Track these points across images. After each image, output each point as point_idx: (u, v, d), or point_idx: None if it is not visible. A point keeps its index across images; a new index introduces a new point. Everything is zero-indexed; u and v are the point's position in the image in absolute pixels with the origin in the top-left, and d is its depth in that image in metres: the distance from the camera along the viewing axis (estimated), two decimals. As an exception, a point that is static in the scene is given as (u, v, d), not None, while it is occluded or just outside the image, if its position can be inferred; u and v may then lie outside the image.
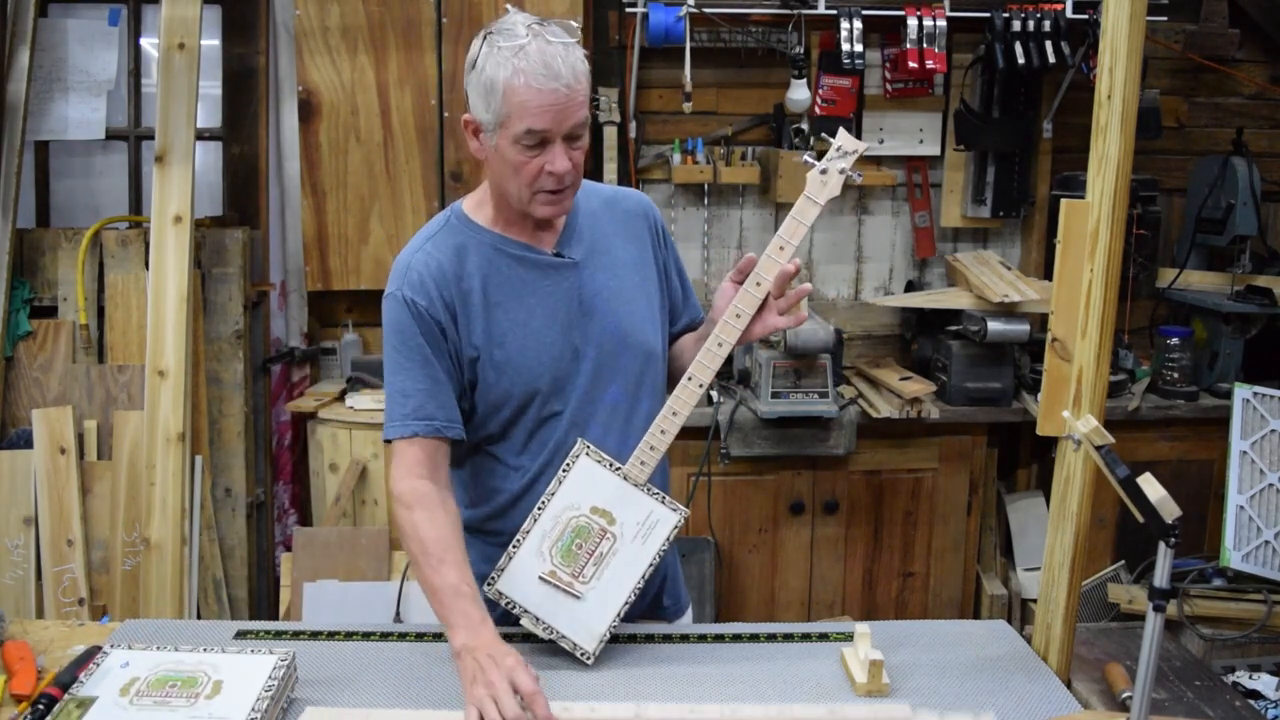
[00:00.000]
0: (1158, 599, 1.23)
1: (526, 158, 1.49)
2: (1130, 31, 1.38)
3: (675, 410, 1.55)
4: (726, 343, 1.55)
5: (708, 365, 1.55)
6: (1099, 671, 1.55)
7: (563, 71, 1.45)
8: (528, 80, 1.44)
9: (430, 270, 1.58)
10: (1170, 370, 3.23)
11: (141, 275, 3.05)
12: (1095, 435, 1.31)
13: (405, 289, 1.58)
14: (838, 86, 3.35)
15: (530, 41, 1.46)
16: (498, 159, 1.53)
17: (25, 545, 2.91)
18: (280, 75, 3.32)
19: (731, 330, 1.56)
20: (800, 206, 1.55)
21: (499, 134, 1.49)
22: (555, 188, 1.52)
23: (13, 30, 3.07)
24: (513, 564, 1.54)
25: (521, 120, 1.46)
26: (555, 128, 1.47)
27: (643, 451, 1.56)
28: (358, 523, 3.06)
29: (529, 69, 1.44)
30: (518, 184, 1.52)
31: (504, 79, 1.45)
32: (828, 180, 1.55)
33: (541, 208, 1.55)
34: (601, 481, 1.55)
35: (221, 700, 1.35)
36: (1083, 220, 1.44)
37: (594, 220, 1.67)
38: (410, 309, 1.57)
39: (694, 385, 1.55)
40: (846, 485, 3.13)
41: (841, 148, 1.56)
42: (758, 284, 1.55)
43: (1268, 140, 3.57)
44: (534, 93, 1.45)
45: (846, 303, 3.57)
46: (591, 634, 1.51)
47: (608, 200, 1.72)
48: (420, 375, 1.57)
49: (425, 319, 1.57)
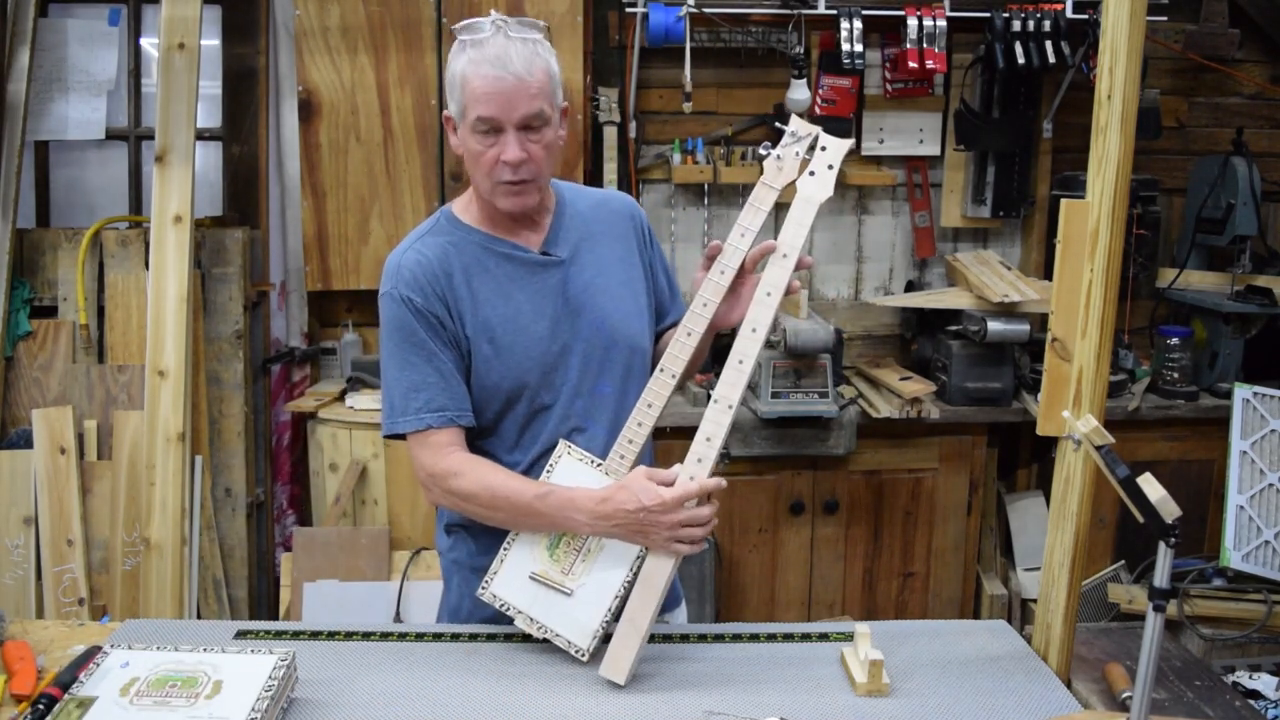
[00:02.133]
0: (1158, 599, 1.23)
1: (483, 147, 1.55)
2: (1130, 31, 1.39)
3: (650, 403, 1.55)
4: (695, 332, 1.55)
5: (678, 355, 1.55)
6: (1099, 671, 1.55)
7: (513, 62, 1.51)
8: (478, 69, 1.52)
9: (422, 267, 1.61)
10: (1170, 370, 3.23)
11: (141, 275, 3.05)
12: (1095, 435, 1.31)
13: (400, 287, 1.61)
14: (838, 86, 3.35)
15: (491, 36, 1.54)
16: (466, 151, 1.59)
17: (25, 545, 2.91)
18: (280, 75, 3.32)
19: (699, 319, 1.55)
20: (757, 193, 1.56)
21: (463, 125, 1.57)
22: (511, 178, 1.56)
23: (13, 30, 3.07)
24: (504, 566, 1.55)
25: (474, 108, 1.53)
26: (503, 115, 1.52)
27: (621, 445, 1.56)
28: (358, 523, 3.06)
29: (481, 58, 1.52)
30: (479, 174, 1.59)
31: (461, 70, 1.54)
32: (783, 166, 1.57)
33: (502, 199, 1.59)
34: (584, 478, 1.55)
35: (221, 700, 1.35)
36: (1083, 220, 1.44)
37: (581, 221, 1.71)
38: (408, 306, 1.60)
39: (666, 376, 1.55)
40: (846, 485, 3.13)
41: (795, 133, 1.56)
42: (722, 272, 1.56)
43: (1268, 140, 3.57)
44: (483, 79, 1.51)
45: (846, 303, 3.57)
46: (585, 630, 1.51)
47: (594, 203, 1.76)
48: (427, 369, 1.59)
49: (424, 314, 1.59)
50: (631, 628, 1.47)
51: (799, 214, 1.55)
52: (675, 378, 1.55)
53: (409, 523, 3.05)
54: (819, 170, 1.56)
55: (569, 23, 3.10)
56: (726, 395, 1.51)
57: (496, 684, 1.47)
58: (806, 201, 1.55)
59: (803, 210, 1.55)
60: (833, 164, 1.56)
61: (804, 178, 1.56)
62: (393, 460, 3.04)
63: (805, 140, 1.57)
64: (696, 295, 1.56)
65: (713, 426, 1.50)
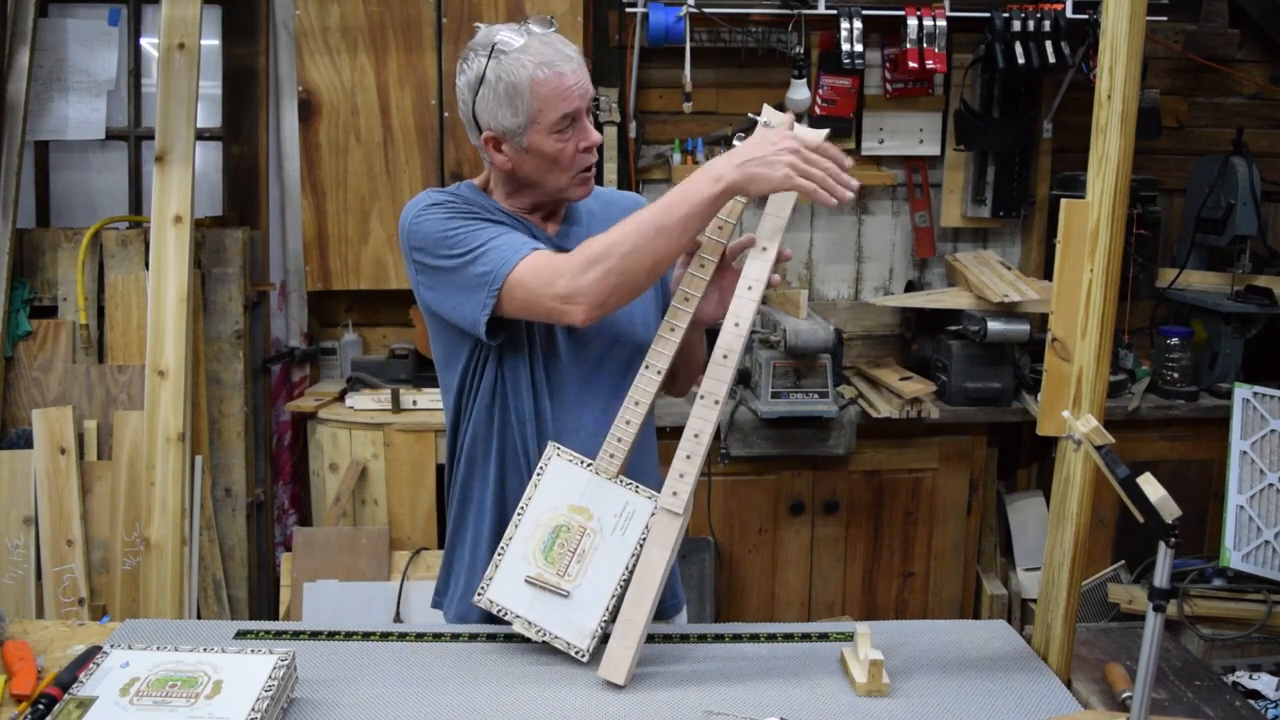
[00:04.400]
0: (1158, 599, 1.23)
1: (563, 143, 1.55)
2: (1130, 31, 1.38)
3: (637, 400, 1.54)
4: (678, 327, 1.54)
5: (662, 351, 1.54)
6: (1099, 671, 1.55)
7: (571, 53, 1.55)
8: (547, 71, 1.51)
9: (455, 195, 1.62)
10: (1170, 370, 3.23)
11: (141, 275, 3.06)
12: (1095, 435, 1.31)
13: (438, 194, 1.60)
14: (838, 86, 3.35)
15: (529, 40, 1.53)
16: (533, 159, 1.57)
17: (25, 545, 2.91)
18: (280, 75, 3.32)
19: (681, 314, 1.54)
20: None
21: (529, 133, 1.54)
22: (590, 163, 1.59)
23: (13, 30, 3.07)
24: (499, 572, 1.54)
25: (554, 108, 1.52)
26: (582, 103, 1.55)
27: (610, 444, 1.55)
28: (358, 523, 3.06)
29: (547, 59, 1.52)
30: (558, 173, 1.58)
31: (527, 77, 1.51)
32: None
33: (578, 189, 1.61)
34: (575, 479, 1.55)
35: (221, 700, 1.34)
36: (1083, 220, 1.44)
37: (591, 218, 1.71)
38: (457, 202, 1.59)
39: (651, 373, 1.54)
40: (846, 485, 3.13)
41: (768, 122, 1.55)
42: (701, 265, 1.55)
43: (1268, 140, 3.57)
44: (558, 77, 1.52)
45: (846, 303, 3.57)
46: (583, 631, 1.51)
47: (605, 201, 1.76)
48: (502, 230, 1.57)
49: (473, 209, 1.59)
50: (629, 626, 1.47)
51: (776, 207, 1.55)
52: (661, 374, 1.53)
53: (409, 523, 3.05)
54: None
55: (569, 23, 3.10)
56: (713, 391, 1.50)
57: (496, 684, 1.47)
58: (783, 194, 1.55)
59: (779, 203, 1.55)
60: None
61: None
62: (393, 460, 3.04)
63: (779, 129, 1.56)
64: (678, 290, 1.56)
65: (700, 423, 1.49)
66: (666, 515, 1.49)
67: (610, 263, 1.45)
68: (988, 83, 3.35)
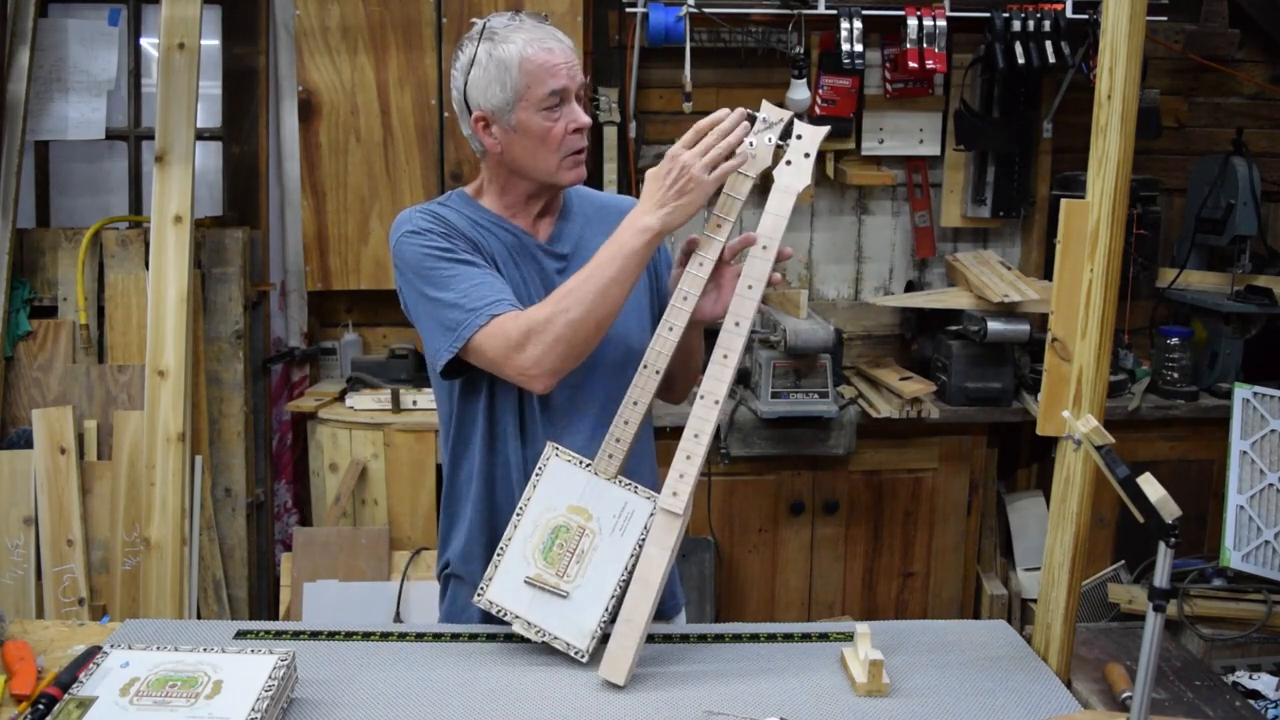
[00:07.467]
0: (1158, 599, 1.23)
1: (551, 121, 1.57)
2: (1130, 31, 1.38)
3: (635, 400, 1.54)
4: (677, 326, 1.54)
5: (660, 351, 1.53)
6: (1099, 671, 1.55)
7: (562, 37, 1.60)
8: (537, 47, 1.56)
9: (437, 216, 1.63)
10: (1170, 370, 3.23)
11: (141, 275, 3.06)
12: (1095, 435, 1.31)
13: (419, 220, 1.61)
14: (838, 86, 3.34)
15: (518, 26, 1.58)
16: (521, 138, 1.59)
17: (25, 545, 2.91)
18: (280, 75, 3.32)
19: (680, 313, 1.54)
20: (731, 182, 1.55)
21: (518, 110, 1.57)
22: (579, 146, 1.61)
23: (13, 30, 3.07)
24: (499, 572, 1.54)
25: (542, 84, 1.56)
26: (571, 84, 1.58)
27: (609, 445, 1.55)
28: (358, 523, 3.06)
29: (537, 38, 1.57)
30: (546, 153, 1.60)
31: (517, 52, 1.55)
32: (756, 153, 1.55)
33: (569, 172, 1.62)
34: (573, 480, 1.55)
35: (221, 700, 1.35)
36: (1083, 220, 1.44)
37: (586, 222, 1.72)
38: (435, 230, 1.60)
39: (650, 372, 1.54)
40: (846, 485, 3.13)
41: (766, 119, 1.55)
42: (700, 264, 1.55)
43: (1268, 140, 3.57)
44: (547, 53, 1.56)
45: (846, 303, 3.57)
46: (583, 631, 1.51)
47: (600, 205, 1.77)
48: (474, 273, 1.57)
49: (453, 234, 1.60)
50: (629, 627, 1.47)
51: (777, 205, 1.54)
52: (659, 373, 1.53)
53: (409, 523, 3.05)
54: (795, 159, 1.54)
55: (569, 22, 3.10)
56: (713, 391, 1.50)
57: (496, 684, 1.47)
58: (784, 191, 1.54)
59: (780, 200, 1.54)
60: (809, 152, 1.54)
61: (781, 167, 1.55)
62: (393, 460, 3.04)
63: (778, 126, 1.55)
64: (676, 289, 1.55)
65: (700, 423, 1.49)
66: (666, 515, 1.49)
67: (556, 331, 1.50)
68: (988, 83, 3.35)
